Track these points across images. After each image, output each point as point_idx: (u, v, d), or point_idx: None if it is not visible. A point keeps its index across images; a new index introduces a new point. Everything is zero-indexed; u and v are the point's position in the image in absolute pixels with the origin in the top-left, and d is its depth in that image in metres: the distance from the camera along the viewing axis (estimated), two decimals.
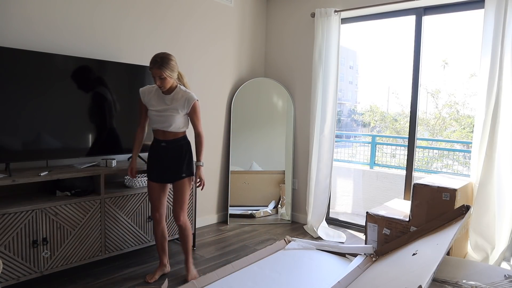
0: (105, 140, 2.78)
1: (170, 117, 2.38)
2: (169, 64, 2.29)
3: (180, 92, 2.42)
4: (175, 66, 2.35)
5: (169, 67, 2.29)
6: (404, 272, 1.94)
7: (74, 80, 2.57)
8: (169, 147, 2.45)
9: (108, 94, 2.75)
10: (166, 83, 2.33)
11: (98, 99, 2.71)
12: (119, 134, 2.84)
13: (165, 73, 2.28)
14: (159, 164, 2.47)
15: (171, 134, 2.43)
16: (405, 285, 1.69)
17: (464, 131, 8.31)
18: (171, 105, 2.39)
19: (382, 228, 2.92)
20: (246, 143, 4.11)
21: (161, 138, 2.45)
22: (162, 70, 2.27)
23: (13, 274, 2.19)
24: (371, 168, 5.87)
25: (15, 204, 2.24)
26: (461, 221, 2.36)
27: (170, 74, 2.31)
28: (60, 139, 2.55)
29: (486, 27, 2.77)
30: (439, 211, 2.65)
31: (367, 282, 2.14)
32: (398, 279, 1.86)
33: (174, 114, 2.38)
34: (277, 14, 4.11)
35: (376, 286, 2.01)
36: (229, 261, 2.86)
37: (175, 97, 2.41)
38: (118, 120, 2.83)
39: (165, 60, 2.29)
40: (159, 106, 2.40)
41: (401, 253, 2.42)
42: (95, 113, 2.70)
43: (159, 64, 2.26)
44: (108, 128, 2.78)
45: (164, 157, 2.46)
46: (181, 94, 2.42)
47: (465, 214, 2.43)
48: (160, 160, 2.47)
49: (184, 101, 2.40)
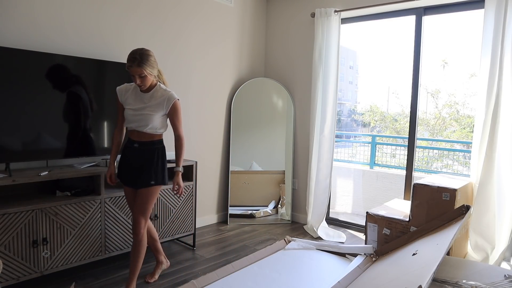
0: (105, 139, 2.77)
1: (146, 116, 2.22)
2: (149, 61, 2.14)
3: (160, 90, 2.27)
4: (155, 62, 2.21)
5: (149, 64, 2.15)
6: (404, 272, 1.94)
7: (75, 80, 2.57)
8: (141, 149, 2.28)
9: (107, 93, 2.75)
10: (147, 81, 2.19)
11: (97, 99, 2.71)
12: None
13: (145, 71, 2.13)
14: (129, 166, 2.30)
15: (146, 135, 2.27)
16: (405, 285, 1.69)
17: (464, 131, 8.31)
18: (148, 104, 2.24)
19: (382, 228, 2.92)
20: (246, 143, 4.11)
21: (135, 138, 2.28)
22: (142, 67, 2.11)
23: (13, 274, 2.19)
24: (371, 168, 5.87)
25: (15, 204, 2.24)
26: (461, 221, 2.36)
27: (151, 71, 2.17)
28: (60, 139, 2.55)
29: (486, 27, 2.77)
30: (439, 211, 2.65)
31: (367, 282, 2.14)
32: (398, 279, 1.86)
33: (152, 113, 2.23)
34: (277, 14, 4.11)
35: (376, 286, 2.01)
36: (229, 261, 2.86)
37: (154, 95, 2.26)
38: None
39: (145, 57, 2.13)
40: (136, 105, 2.25)
41: (401, 253, 2.42)
42: (94, 112, 2.70)
43: (138, 62, 2.10)
44: (107, 127, 2.78)
45: (135, 159, 2.28)
46: (161, 92, 2.26)
47: (465, 214, 2.43)
48: (130, 163, 2.30)
49: (163, 101, 2.24)
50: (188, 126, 3.57)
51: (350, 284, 2.19)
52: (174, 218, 3.02)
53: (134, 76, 2.15)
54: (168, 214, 2.98)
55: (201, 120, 3.68)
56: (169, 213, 2.98)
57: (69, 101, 2.56)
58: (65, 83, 2.54)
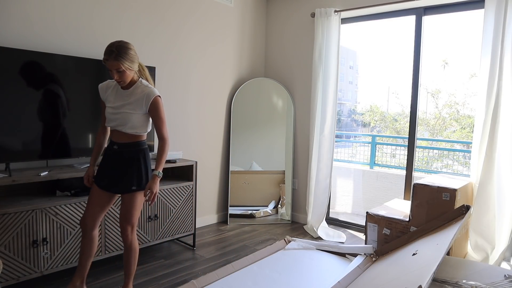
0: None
1: (125, 115, 2.04)
2: (127, 54, 1.95)
3: (140, 87, 2.08)
4: (135, 56, 2.00)
5: (128, 58, 1.95)
6: (404, 272, 1.94)
7: (74, 80, 2.57)
8: (121, 152, 2.09)
9: None
10: (126, 77, 1.98)
11: (97, 99, 2.70)
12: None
13: (123, 65, 1.93)
14: (107, 170, 2.12)
15: (126, 136, 2.08)
16: (405, 285, 1.69)
17: (464, 131, 8.31)
18: (128, 101, 2.05)
19: (382, 228, 2.92)
20: (246, 143, 4.11)
21: (114, 139, 2.11)
22: (119, 61, 1.92)
23: (13, 274, 2.19)
24: (371, 168, 5.87)
25: (15, 204, 2.24)
26: (461, 221, 2.36)
27: (130, 66, 1.97)
28: (60, 139, 2.55)
29: (486, 27, 2.77)
30: (439, 211, 2.65)
31: (367, 282, 2.14)
32: (398, 279, 1.86)
33: (131, 112, 2.04)
34: (277, 14, 4.11)
35: (376, 286, 2.01)
36: (229, 261, 2.86)
37: (134, 92, 2.07)
38: None
39: (123, 50, 1.94)
40: (116, 103, 2.07)
41: (401, 253, 2.42)
42: (94, 112, 2.70)
43: (115, 55, 1.91)
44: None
45: (113, 162, 2.10)
46: (141, 89, 2.07)
47: (465, 214, 2.43)
48: (108, 166, 2.11)
49: (143, 97, 2.04)
50: (188, 126, 3.57)
51: (350, 284, 2.19)
52: (174, 218, 3.02)
53: (111, 71, 1.96)
54: (168, 214, 2.98)
55: (201, 120, 3.68)
56: (169, 213, 2.98)
57: (69, 101, 2.56)
58: (65, 83, 2.54)
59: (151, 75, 3.02)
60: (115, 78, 1.99)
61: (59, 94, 2.51)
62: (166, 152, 2.11)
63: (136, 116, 2.06)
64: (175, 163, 3.01)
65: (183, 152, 3.50)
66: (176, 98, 3.43)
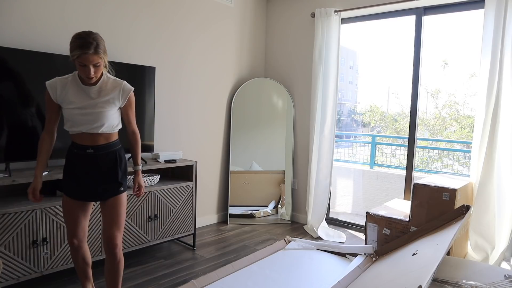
0: None
1: (101, 114, 1.85)
2: (104, 46, 1.79)
3: (109, 80, 1.91)
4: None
5: (105, 50, 1.79)
6: (404, 272, 1.94)
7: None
8: (98, 155, 1.91)
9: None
10: (99, 71, 1.81)
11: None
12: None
13: (103, 59, 1.78)
14: (85, 177, 1.91)
15: (101, 137, 1.90)
16: (405, 285, 1.69)
17: (464, 131, 8.31)
18: (99, 99, 1.86)
19: (382, 228, 2.92)
20: (246, 143, 4.11)
21: (87, 143, 1.89)
22: (99, 54, 1.74)
23: (13, 274, 2.19)
24: (371, 168, 5.87)
25: (15, 204, 2.24)
26: (461, 221, 2.36)
27: (105, 58, 1.81)
28: (60, 139, 2.55)
29: (486, 27, 2.77)
30: (439, 211, 2.65)
31: (367, 282, 2.14)
32: (398, 279, 1.87)
33: (107, 109, 1.87)
34: (277, 14, 4.12)
35: (376, 286, 2.01)
36: (229, 261, 2.86)
37: (103, 88, 1.87)
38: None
39: (100, 41, 1.77)
40: (82, 102, 1.84)
41: (401, 253, 2.42)
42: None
43: (95, 47, 1.72)
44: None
45: (92, 168, 1.91)
46: (111, 83, 1.90)
47: (465, 214, 2.43)
48: (85, 173, 1.91)
49: (118, 91, 1.90)
50: (188, 126, 3.57)
51: (350, 284, 2.19)
52: (174, 218, 3.02)
53: (86, 66, 1.74)
54: (168, 214, 2.97)
55: (201, 120, 3.68)
56: (169, 213, 2.98)
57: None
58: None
59: (151, 75, 3.03)
60: (90, 75, 1.76)
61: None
62: (140, 144, 2.08)
63: (111, 113, 1.90)
64: (175, 163, 3.01)
65: (183, 152, 3.50)
66: (176, 98, 3.43)
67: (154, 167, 2.88)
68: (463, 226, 2.53)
